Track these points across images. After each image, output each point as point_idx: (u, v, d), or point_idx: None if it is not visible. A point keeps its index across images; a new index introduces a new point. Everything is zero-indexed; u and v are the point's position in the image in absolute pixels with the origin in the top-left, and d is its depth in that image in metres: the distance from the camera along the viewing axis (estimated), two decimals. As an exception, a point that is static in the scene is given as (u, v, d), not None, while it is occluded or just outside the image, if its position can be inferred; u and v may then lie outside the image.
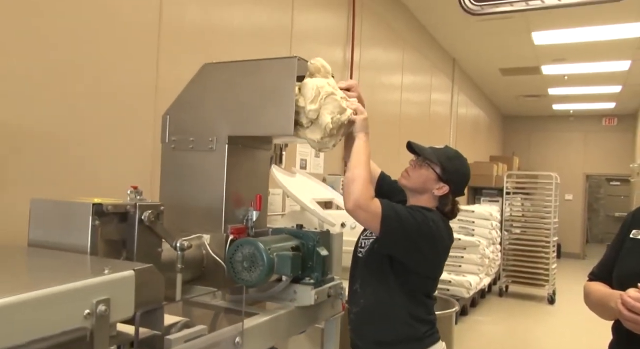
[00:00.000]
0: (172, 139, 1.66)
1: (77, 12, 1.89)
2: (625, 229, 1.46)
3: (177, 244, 1.39)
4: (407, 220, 1.64)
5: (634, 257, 1.37)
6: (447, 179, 1.76)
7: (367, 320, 1.78)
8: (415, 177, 1.79)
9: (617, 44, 5.84)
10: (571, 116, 11.13)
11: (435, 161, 1.77)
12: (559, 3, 2.51)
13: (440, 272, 1.84)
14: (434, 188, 1.76)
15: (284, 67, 1.52)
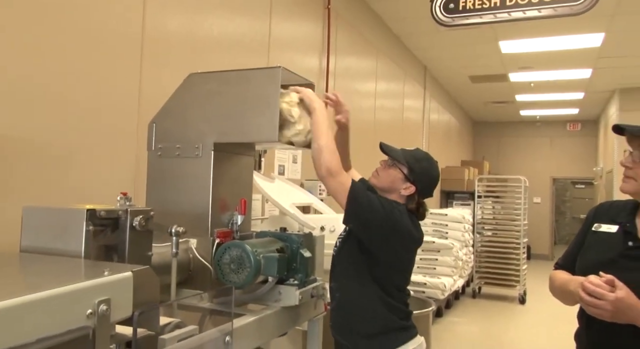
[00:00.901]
0: (159, 147, 1.71)
1: (62, 23, 1.91)
2: (588, 223, 1.57)
3: (172, 230, 1.43)
4: (372, 198, 1.72)
5: (595, 249, 1.48)
6: (414, 180, 1.83)
7: (343, 313, 1.83)
8: (383, 176, 1.87)
9: (578, 53, 6.10)
10: (538, 121, 11.49)
11: (403, 162, 1.85)
12: (524, 16, 2.67)
13: (408, 265, 1.90)
14: (401, 188, 1.83)
15: (269, 77, 1.59)
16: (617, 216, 1.48)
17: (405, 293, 1.91)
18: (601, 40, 5.56)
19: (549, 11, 2.65)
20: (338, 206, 3.82)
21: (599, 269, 1.35)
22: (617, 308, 1.24)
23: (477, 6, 2.79)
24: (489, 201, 8.12)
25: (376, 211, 1.70)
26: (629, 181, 1.42)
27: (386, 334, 1.79)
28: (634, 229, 1.42)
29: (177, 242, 1.44)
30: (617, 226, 1.46)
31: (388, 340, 1.79)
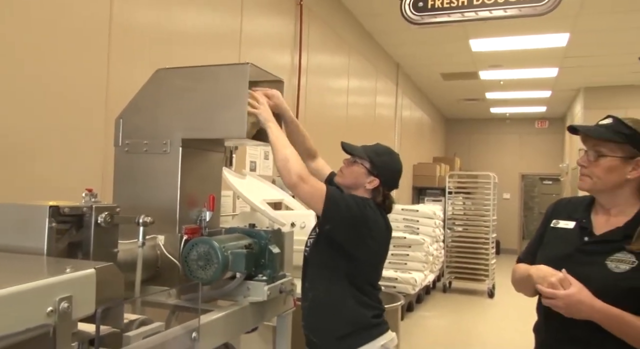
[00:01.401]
0: (126, 143, 1.69)
1: (24, 14, 1.87)
2: (547, 219, 1.62)
3: (139, 220, 1.42)
4: (347, 199, 1.79)
5: (554, 245, 1.53)
6: (377, 173, 1.90)
7: (316, 312, 1.87)
8: (347, 174, 1.93)
9: (545, 53, 6.25)
10: (507, 118, 11.72)
11: (365, 157, 1.91)
12: (491, 15, 2.74)
13: (380, 260, 1.95)
14: (365, 182, 1.90)
15: (237, 73, 1.59)
16: (574, 213, 1.54)
17: (377, 289, 1.96)
18: (566, 40, 5.71)
19: (514, 11, 2.73)
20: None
21: (557, 263, 1.40)
22: (568, 303, 1.29)
23: (446, 5, 2.85)
24: (460, 197, 8.27)
25: (353, 211, 1.76)
26: (585, 179, 1.47)
27: (359, 333, 1.84)
28: (589, 225, 1.48)
29: (144, 233, 1.43)
30: (574, 222, 1.52)
31: (361, 338, 1.83)
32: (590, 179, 1.46)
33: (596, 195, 1.51)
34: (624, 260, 1.36)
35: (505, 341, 5.07)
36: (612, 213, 1.46)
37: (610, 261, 1.37)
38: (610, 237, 1.42)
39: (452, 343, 5.05)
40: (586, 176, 1.47)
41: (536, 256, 1.56)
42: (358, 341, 1.83)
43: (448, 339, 5.20)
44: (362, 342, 1.83)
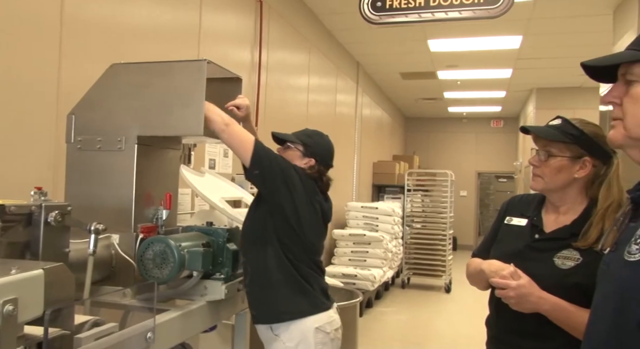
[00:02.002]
0: (78, 139, 1.64)
1: (-32, 5, 1.78)
2: (500, 216, 1.67)
3: (90, 227, 1.38)
4: (274, 154, 1.86)
5: (506, 241, 1.59)
6: (312, 153, 2.00)
7: (254, 285, 1.83)
8: None
9: (500, 54, 6.44)
10: (464, 118, 12.02)
11: (297, 141, 2.02)
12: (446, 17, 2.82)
13: (314, 226, 1.93)
14: (301, 164, 1.97)
15: (194, 70, 1.58)
16: (526, 210, 1.60)
17: (314, 261, 1.94)
18: (519, 42, 5.90)
19: (468, 13, 2.81)
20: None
21: (509, 259, 1.45)
22: (518, 294, 1.34)
23: (403, 5, 2.91)
24: (418, 195, 8.42)
25: (279, 161, 1.84)
26: (537, 179, 1.53)
27: (293, 306, 1.82)
28: (540, 222, 1.54)
29: (95, 240, 1.39)
30: (526, 220, 1.57)
31: (295, 313, 1.82)
32: (542, 179, 1.51)
33: (547, 194, 1.57)
34: (570, 257, 1.42)
35: (460, 334, 5.21)
36: (561, 211, 1.52)
37: (557, 257, 1.43)
38: (559, 235, 1.48)
39: (410, 338, 5.15)
40: (538, 176, 1.52)
41: (490, 252, 1.61)
42: (291, 315, 1.81)
43: (406, 334, 5.30)
44: (295, 316, 1.81)
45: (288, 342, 1.80)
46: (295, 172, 1.87)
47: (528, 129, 1.54)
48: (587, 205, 1.48)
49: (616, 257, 0.94)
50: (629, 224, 0.95)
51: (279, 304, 1.82)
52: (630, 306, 0.86)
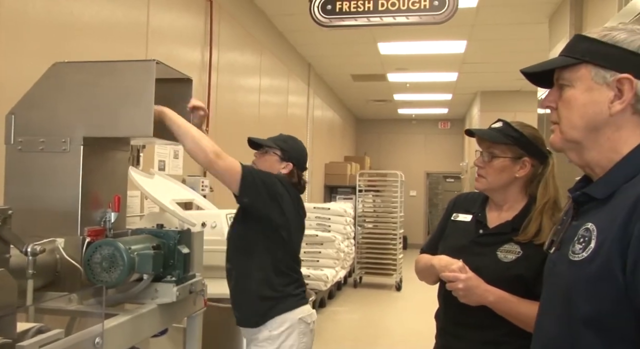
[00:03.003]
0: (19, 140, 1.58)
1: None
2: (448, 212, 1.75)
3: (27, 249, 1.34)
4: (260, 172, 1.97)
5: (453, 237, 1.67)
6: (289, 157, 2.09)
7: (238, 288, 1.98)
8: (261, 164, 2.06)
9: (446, 58, 6.66)
10: (414, 119, 12.31)
11: (274, 146, 2.07)
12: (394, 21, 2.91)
13: (294, 231, 2.05)
14: (280, 168, 2.06)
15: (143, 70, 1.55)
16: (471, 207, 1.68)
17: (297, 263, 2.10)
18: (464, 47, 6.12)
19: (415, 18, 2.92)
20: (220, 202, 3.82)
21: (455, 254, 1.52)
22: (467, 286, 1.41)
23: (353, 9, 2.98)
24: (370, 195, 8.56)
25: (267, 183, 1.93)
26: (481, 179, 1.61)
27: (278, 302, 1.96)
28: (484, 218, 1.62)
29: (33, 262, 1.34)
30: (471, 216, 1.65)
31: (279, 308, 1.96)
32: (485, 180, 1.60)
33: (490, 193, 1.65)
34: (511, 250, 1.50)
35: (410, 330, 5.34)
36: (503, 208, 1.61)
37: (500, 251, 1.52)
38: (501, 230, 1.56)
39: (362, 337, 5.23)
40: (482, 176, 1.60)
41: (438, 247, 1.68)
42: (276, 311, 1.94)
43: (358, 333, 5.38)
44: (280, 312, 1.94)
45: (274, 330, 1.93)
46: (281, 185, 1.97)
47: (473, 131, 1.62)
48: (527, 202, 1.57)
49: (561, 256, 0.98)
50: (572, 223, 1.00)
51: (261, 307, 1.95)
52: (577, 303, 0.89)
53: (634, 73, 0.95)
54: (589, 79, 0.99)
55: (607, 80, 0.97)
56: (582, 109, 0.99)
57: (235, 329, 2.69)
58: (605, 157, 0.98)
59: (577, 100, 1.00)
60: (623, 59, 0.96)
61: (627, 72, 0.95)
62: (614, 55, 0.97)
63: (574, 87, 1.01)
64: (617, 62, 0.96)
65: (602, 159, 0.99)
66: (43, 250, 1.37)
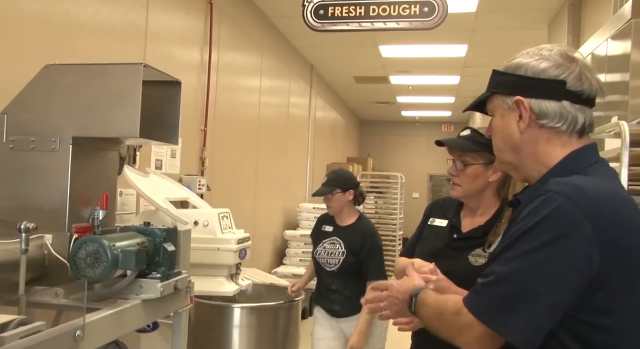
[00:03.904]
0: (11, 139, 1.64)
1: None
2: (425, 217, 1.81)
3: (20, 226, 1.39)
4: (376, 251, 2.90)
5: (429, 240, 1.72)
6: (348, 188, 2.85)
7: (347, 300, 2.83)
8: (335, 205, 2.90)
9: (448, 61, 6.68)
10: (417, 121, 12.34)
11: (334, 188, 2.86)
12: (385, 26, 2.96)
13: None
14: (349, 199, 2.89)
15: (131, 73, 1.60)
16: (447, 212, 1.73)
17: None
18: (465, 51, 6.15)
19: (405, 24, 2.97)
20: (217, 201, 3.89)
21: (430, 257, 1.57)
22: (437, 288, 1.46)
23: (345, 14, 3.03)
24: (371, 196, 8.58)
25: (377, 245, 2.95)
26: (456, 187, 1.66)
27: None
28: (458, 223, 1.67)
29: (26, 239, 1.40)
30: (447, 221, 1.70)
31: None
32: (461, 187, 1.65)
33: (465, 200, 1.70)
34: (482, 255, 1.55)
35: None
36: (477, 213, 1.66)
37: (471, 255, 1.57)
38: (473, 235, 1.62)
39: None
40: (457, 184, 1.66)
41: (415, 251, 1.73)
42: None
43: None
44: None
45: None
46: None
47: (442, 142, 1.67)
48: (499, 206, 1.61)
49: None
50: (510, 226, 1.08)
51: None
52: None
53: (524, 94, 1.09)
54: (500, 107, 1.14)
55: (509, 104, 1.11)
56: (501, 133, 1.15)
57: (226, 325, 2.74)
58: (535, 171, 1.12)
59: (497, 126, 1.15)
60: (514, 83, 1.11)
61: (519, 94, 1.09)
62: (508, 82, 1.12)
63: (495, 116, 1.16)
64: (511, 87, 1.11)
65: (533, 173, 1.12)
66: (36, 227, 1.42)
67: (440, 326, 1.12)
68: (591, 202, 0.96)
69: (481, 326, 0.99)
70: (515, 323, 0.96)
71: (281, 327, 2.81)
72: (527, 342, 0.96)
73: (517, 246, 0.98)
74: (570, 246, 0.94)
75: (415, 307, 1.21)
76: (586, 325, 0.97)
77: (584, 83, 1.09)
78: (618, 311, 0.97)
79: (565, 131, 1.08)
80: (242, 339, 2.71)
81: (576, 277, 0.95)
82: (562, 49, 1.12)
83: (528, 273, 0.97)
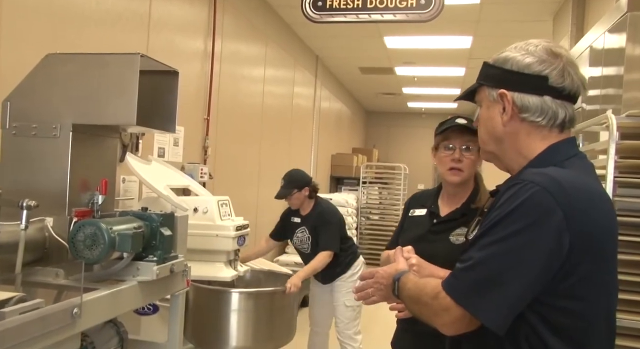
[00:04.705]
0: (13, 125, 1.70)
1: None
2: (405, 210, 1.93)
3: (23, 203, 1.46)
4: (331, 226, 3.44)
5: (411, 229, 1.82)
6: (301, 186, 3.42)
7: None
8: (296, 203, 3.51)
9: (453, 53, 6.67)
10: (423, 113, 12.30)
11: (289, 189, 3.44)
12: (382, 19, 2.98)
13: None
14: (305, 195, 3.44)
15: (129, 63, 1.66)
16: (425, 202, 1.84)
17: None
18: (470, 42, 6.13)
19: (402, 16, 2.99)
20: (219, 189, 3.96)
21: (413, 243, 1.63)
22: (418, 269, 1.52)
23: (342, 6, 3.06)
24: (376, 187, 8.63)
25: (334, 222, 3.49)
26: (460, 173, 1.77)
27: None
28: (437, 209, 1.76)
29: (27, 216, 1.47)
30: (426, 209, 1.79)
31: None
32: (464, 173, 1.74)
33: (458, 186, 1.77)
34: (462, 234, 1.66)
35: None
36: (455, 198, 1.77)
37: (452, 236, 1.68)
38: (452, 217, 1.73)
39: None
40: (460, 170, 1.75)
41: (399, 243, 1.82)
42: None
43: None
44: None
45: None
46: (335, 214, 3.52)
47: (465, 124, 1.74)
48: (473, 188, 1.74)
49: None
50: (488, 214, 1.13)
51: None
52: None
53: (508, 87, 1.13)
54: (487, 98, 1.18)
55: (495, 97, 1.16)
56: (486, 124, 1.19)
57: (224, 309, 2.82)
58: (516, 163, 1.16)
59: (482, 117, 1.20)
60: (500, 77, 1.15)
61: (503, 87, 1.13)
62: (495, 75, 1.17)
63: (481, 107, 1.21)
64: (497, 80, 1.16)
65: (514, 164, 1.17)
66: (37, 205, 1.48)
67: (419, 308, 1.17)
68: (564, 193, 1.01)
69: (458, 309, 1.04)
70: (490, 306, 1.01)
71: (278, 312, 2.89)
72: (499, 324, 1.01)
73: (493, 232, 1.03)
74: (543, 233, 0.99)
75: (397, 291, 1.26)
76: (555, 309, 1.02)
77: (566, 79, 1.12)
78: (585, 297, 1.02)
79: (546, 126, 1.13)
80: (240, 324, 2.79)
81: (547, 263, 1.00)
82: (548, 45, 1.16)
83: (503, 259, 1.01)
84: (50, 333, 1.31)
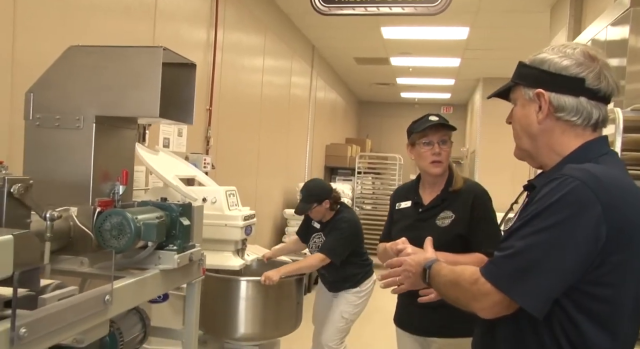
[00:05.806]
0: (37, 117, 1.72)
1: None
2: (392, 204, 2.14)
3: (46, 214, 1.49)
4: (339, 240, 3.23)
5: (400, 220, 2.03)
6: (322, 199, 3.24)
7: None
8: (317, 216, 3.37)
9: (449, 44, 6.72)
10: (416, 103, 12.37)
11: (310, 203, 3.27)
12: (390, 11, 3.02)
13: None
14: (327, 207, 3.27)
15: (151, 55, 1.68)
16: (409, 194, 2.08)
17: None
18: (467, 33, 6.18)
19: (410, 9, 3.03)
20: (221, 179, 3.98)
21: (404, 232, 1.76)
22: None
23: (351, -1, 3.10)
24: (370, 177, 8.69)
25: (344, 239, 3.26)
26: (441, 164, 1.99)
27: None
28: (420, 199, 2.00)
29: (51, 227, 1.49)
30: (410, 201, 2.02)
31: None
32: (443, 164, 1.97)
33: (435, 178, 2.00)
34: (446, 217, 1.88)
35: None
36: (434, 187, 2.00)
37: (437, 220, 1.90)
38: (434, 204, 1.95)
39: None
40: (441, 162, 1.98)
41: (391, 234, 1.99)
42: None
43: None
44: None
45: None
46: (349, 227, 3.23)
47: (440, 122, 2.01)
48: (448, 176, 1.97)
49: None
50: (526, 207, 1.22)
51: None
52: None
53: (545, 87, 1.18)
54: (522, 97, 1.24)
55: (531, 96, 1.21)
56: (521, 122, 1.25)
57: (233, 296, 2.87)
58: (549, 159, 1.22)
59: (517, 115, 1.26)
60: (537, 77, 1.20)
61: (540, 87, 1.19)
62: (532, 75, 1.22)
63: (516, 105, 1.26)
64: (534, 80, 1.21)
65: (548, 161, 1.23)
66: (60, 216, 1.52)
67: (455, 293, 1.23)
68: (602, 187, 1.07)
69: (498, 294, 1.10)
70: (529, 291, 1.08)
71: (285, 299, 2.95)
72: (538, 308, 1.08)
73: (534, 223, 1.09)
74: (582, 225, 1.06)
75: (429, 278, 1.33)
76: (587, 295, 1.09)
77: (602, 82, 1.18)
78: (616, 283, 1.10)
79: (580, 125, 1.19)
80: (248, 311, 2.84)
81: (584, 253, 1.06)
82: (585, 48, 1.21)
83: (543, 248, 1.08)
84: (84, 319, 1.35)
